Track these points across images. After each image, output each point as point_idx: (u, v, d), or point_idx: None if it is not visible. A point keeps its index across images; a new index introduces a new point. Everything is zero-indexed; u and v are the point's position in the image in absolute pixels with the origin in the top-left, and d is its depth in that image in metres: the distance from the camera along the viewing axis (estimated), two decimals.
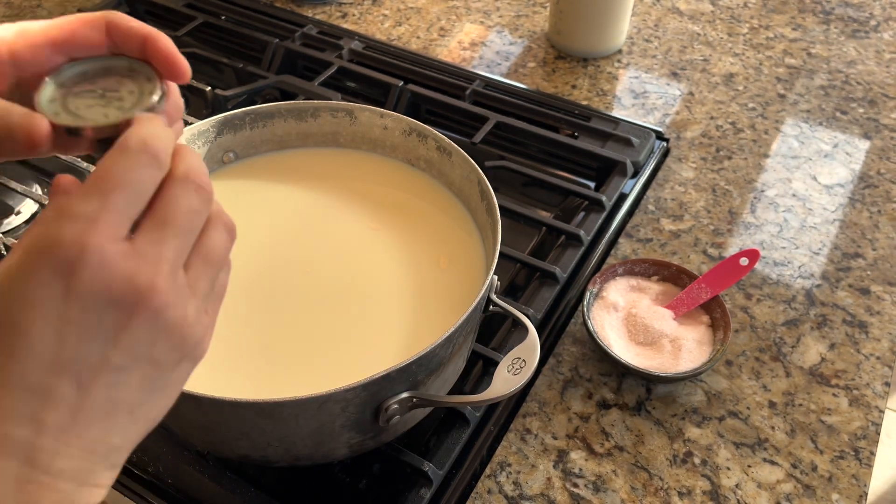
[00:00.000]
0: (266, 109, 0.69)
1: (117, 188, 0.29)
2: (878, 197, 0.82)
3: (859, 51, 1.02)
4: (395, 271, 0.63)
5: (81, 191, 0.28)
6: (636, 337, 0.67)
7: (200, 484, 0.56)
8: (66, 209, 0.28)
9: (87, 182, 0.29)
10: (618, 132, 0.86)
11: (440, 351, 0.51)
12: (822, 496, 0.58)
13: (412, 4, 1.11)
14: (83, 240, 0.27)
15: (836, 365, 0.67)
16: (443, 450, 0.59)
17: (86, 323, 0.28)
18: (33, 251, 0.28)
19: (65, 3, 1.12)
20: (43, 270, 0.27)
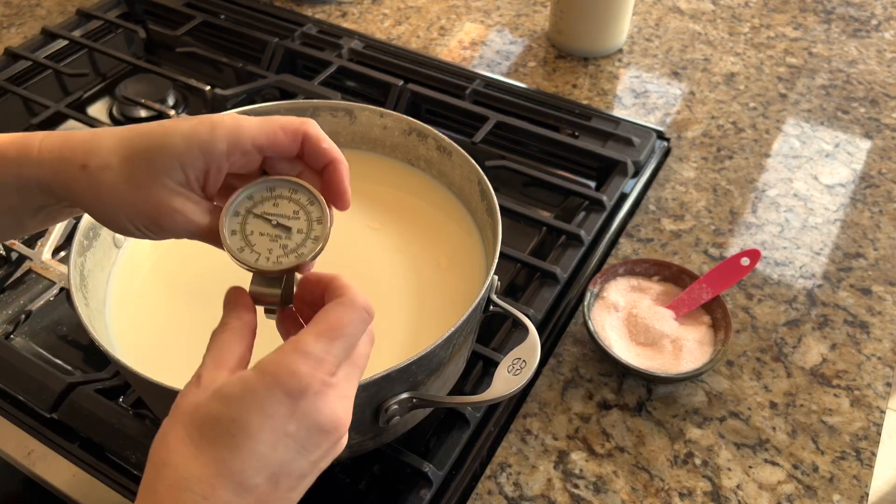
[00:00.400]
0: (265, 109, 0.69)
1: (341, 338, 0.37)
2: (880, 197, 0.82)
3: (860, 50, 1.02)
4: (395, 271, 0.63)
5: (315, 332, 0.36)
6: (637, 337, 0.67)
7: None
8: (302, 346, 0.35)
9: (321, 326, 0.37)
10: (618, 132, 0.86)
11: (440, 351, 0.51)
12: (824, 497, 0.58)
13: (412, 4, 1.11)
14: (311, 376, 0.35)
15: (837, 365, 0.67)
16: (443, 450, 0.59)
17: (298, 438, 0.35)
18: (272, 373, 0.35)
19: (64, 2, 1.12)
20: (278, 391, 0.34)
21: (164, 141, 0.39)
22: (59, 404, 0.61)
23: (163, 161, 0.39)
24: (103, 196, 0.39)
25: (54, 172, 0.39)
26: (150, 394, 0.54)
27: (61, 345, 0.70)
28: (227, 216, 0.40)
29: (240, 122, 0.39)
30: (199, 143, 0.39)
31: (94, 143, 0.40)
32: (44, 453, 0.60)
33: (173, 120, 0.40)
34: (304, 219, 0.40)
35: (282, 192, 0.40)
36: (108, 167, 0.39)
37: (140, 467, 0.58)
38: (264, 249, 0.40)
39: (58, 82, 0.99)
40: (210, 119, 0.39)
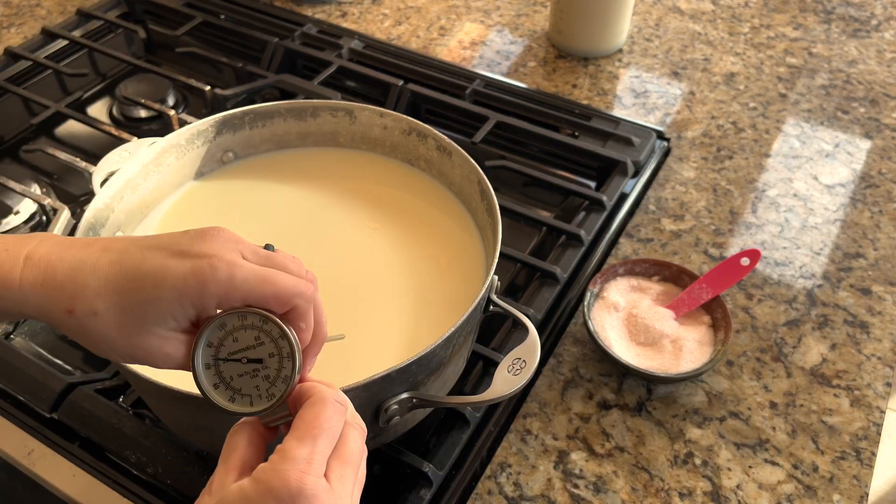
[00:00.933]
0: (265, 109, 0.69)
1: (322, 434, 0.37)
2: (880, 197, 0.82)
3: (860, 50, 1.02)
4: (395, 271, 0.63)
5: (296, 437, 0.37)
6: (637, 337, 0.67)
7: (200, 484, 0.56)
8: (288, 453, 0.36)
9: (299, 429, 0.37)
10: (618, 132, 0.86)
11: (440, 351, 0.51)
12: (824, 497, 0.58)
13: (412, 4, 1.11)
14: (301, 479, 0.35)
15: (837, 365, 0.67)
16: (443, 450, 0.59)
17: None
18: (265, 482, 0.36)
19: (64, 2, 1.12)
20: (270, 499, 0.35)
21: (156, 294, 0.37)
22: (59, 404, 0.61)
23: (154, 315, 0.38)
24: (92, 338, 0.39)
25: (40, 311, 0.38)
26: (150, 394, 0.54)
27: (61, 345, 0.70)
28: (200, 373, 0.39)
29: (234, 280, 0.38)
30: (190, 299, 0.38)
31: (79, 283, 0.38)
32: (44, 453, 0.60)
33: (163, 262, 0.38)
34: (269, 340, 0.40)
35: (233, 324, 0.39)
36: (95, 314, 0.38)
37: (138, 466, 0.58)
38: (252, 389, 0.40)
39: (58, 82, 0.99)
40: (202, 272, 0.38)
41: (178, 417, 0.55)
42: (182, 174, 0.68)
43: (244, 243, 0.40)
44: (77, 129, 0.93)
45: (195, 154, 0.68)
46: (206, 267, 0.37)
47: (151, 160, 0.65)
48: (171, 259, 0.38)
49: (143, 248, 0.39)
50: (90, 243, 0.39)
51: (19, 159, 0.90)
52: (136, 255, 0.38)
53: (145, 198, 0.66)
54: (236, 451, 0.39)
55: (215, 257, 0.38)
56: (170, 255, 0.38)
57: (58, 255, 0.39)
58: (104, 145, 0.88)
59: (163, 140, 0.65)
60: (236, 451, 0.39)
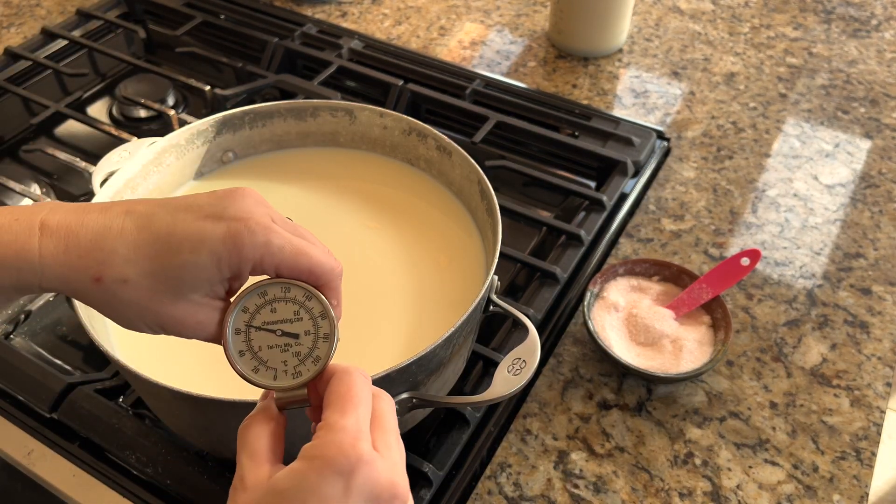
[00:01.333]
0: (265, 109, 0.69)
1: (361, 404, 0.37)
2: (880, 197, 0.82)
3: (860, 50, 1.02)
4: (395, 271, 0.63)
5: (339, 406, 0.36)
6: (637, 337, 0.67)
7: (200, 484, 0.56)
8: (336, 425, 0.36)
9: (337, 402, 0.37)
10: (618, 132, 0.86)
11: (440, 351, 0.51)
12: (824, 497, 0.58)
13: (412, 3, 1.11)
14: (357, 446, 0.35)
15: (837, 365, 0.67)
16: (443, 450, 0.59)
17: None
18: (320, 457, 0.35)
19: (64, 2, 1.12)
20: (330, 473, 0.34)
21: (193, 259, 0.36)
22: (59, 404, 0.61)
23: (191, 280, 0.36)
24: (120, 307, 0.37)
25: (62, 282, 0.36)
26: (149, 394, 0.54)
27: (61, 345, 0.70)
28: (229, 337, 0.38)
29: (270, 246, 0.37)
30: (228, 263, 0.36)
31: (107, 250, 0.36)
32: (44, 453, 0.60)
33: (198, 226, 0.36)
34: (308, 317, 0.38)
35: (275, 293, 0.38)
36: (126, 281, 0.36)
37: (138, 466, 0.58)
38: (279, 363, 0.38)
39: (58, 82, 0.99)
40: (240, 235, 0.36)
41: (178, 417, 0.55)
42: (182, 174, 0.68)
43: (271, 208, 0.39)
44: (77, 129, 0.93)
45: (195, 154, 0.68)
46: (243, 230, 0.36)
47: (151, 160, 0.65)
48: (204, 222, 0.36)
49: (171, 210, 0.37)
50: (108, 207, 0.37)
51: (19, 159, 0.90)
52: (166, 219, 0.36)
53: (145, 198, 0.66)
54: (260, 443, 0.37)
55: (251, 220, 0.37)
56: (202, 217, 0.37)
57: (77, 221, 0.36)
58: (104, 145, 0.88)
59: (163, 140, 0.65)
60: (260, 442, 0.37)
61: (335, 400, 0.37)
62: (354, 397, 0.37)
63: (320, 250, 0.39)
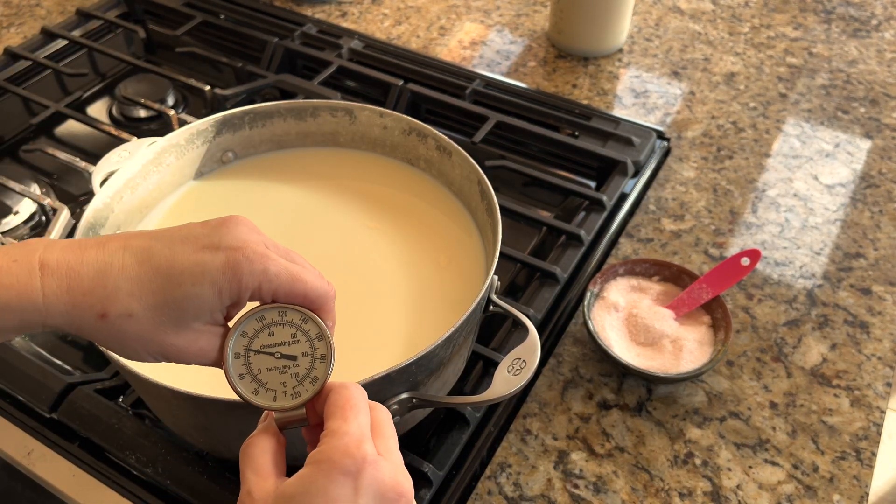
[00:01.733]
0: (265, 109, 0.69)
1: (361, 412, 0.38)
2: (880, 197, 0.82)
3: (860, 50, 1.02)
4: (395, 271, 0.63)
5: (341, 414, 0.38)
6: (637, 337, 0.67)
7: (200, 484, 0.56)
8: (339, 430, 0.37)
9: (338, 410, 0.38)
10: (618, 132, 0.86)
11: (440, 351, 0.51)
12: (824, 497, 0.58)
13: (412, 3, 1.11)
14: (362, 448, 0.36)
15: (837, 365, 0.67)
16: (443, 450, 0.59)
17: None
18: (327, 460, 0.36)
19: (64, 2, 1.12)
20: (337, 475, 0.35)
21: (195, 290, 0.37)
22: (59, 404, 0.61)
23: (193, 311, 0.38)
24: (125, 341, 0.38)
25: (67, 320, 0.37)
26: (149, 394, 0.54)
27: (61, 345, 0.70)
28: (229, 361, 0.39)
29: (268, 273, 0.38)
30: (228, 292, 0.38)
31: (110, 287, 0.37)
32: (44, 453, 0.60)
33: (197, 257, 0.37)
34: (305, 339, 0.40)
35: (272, 318, 0.39)
36: (130, 315, 0.37)
37: (138, 466, 0.58)
38: (278, 385, 0.40)
39: (57, 82, 0.99)
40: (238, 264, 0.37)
41: (178, 417, 0.55)
42: (182, 174, 0.68)
43: (264, 234, 0.40)
44: (77, 128, 0.93)
45: (195, 154, 0.68)
46: (241, 259, 0.37)
47: (151, 160, 0.65)
48: (202, 253, 0.37)
49: (168, 243, 0.38)
50: (104, 243, 0.38)
51: (19, 159, 0.90)
52: (165, 252, 0.37)
53: (145, 198, 0.66)
54: (264, 458, 0.39)
55: (248, 248, 0.38)
56: (199, 248, 0.38)
57: (77, 259, 0.37)
58: (104, 145, 0.88)
59: (162, 140, 0.65)
60: (264, 457, 0.39)
61: (336, 410, 0.38)
62: (354, 406, 0.38)
63: (313, 275, 0.40)
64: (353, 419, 0.37)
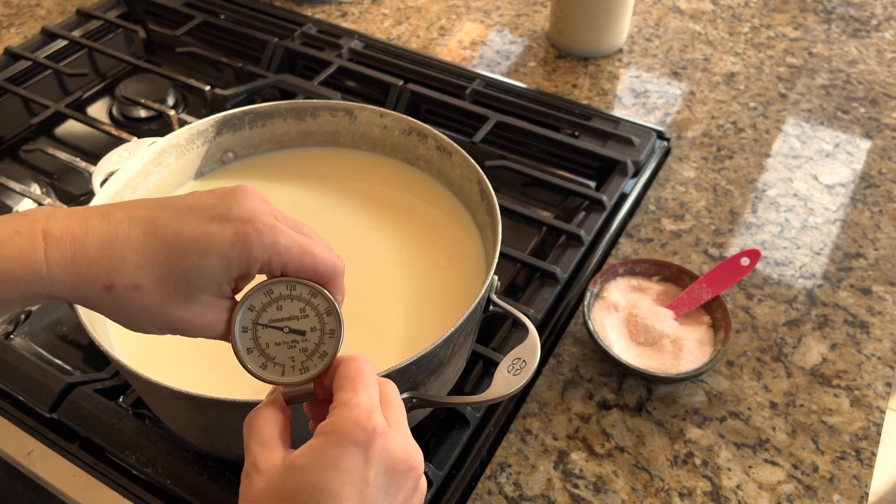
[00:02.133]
0: (265, 109, 0.69)
1: (371, 383, 0.38)
2: (880, 197, 0.82)
3: (860, 50, 1.02)
4: (395, 271, 0.63)
5: (351, 387, 0.38)
6: (637, 337, 0.67)
7: (200, 484, 0.56)
8: (350, 401, 0.37)
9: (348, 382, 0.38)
10: (618, 132, 0.86)
11: (440, 351, 0.51)
12: (824, 497, 0.58)
13: (412, 4, 1.11)
14: (372, 419, 0.36)
15: (837, 365, 0.67)
16: (443, 450, 0.59)
17: (379, 484, 0.36)
18: (338, 431, 0.36)
19: (64, 2, 1.12)
20: (348, 446, 0.35)
21: (203, 262, 0.36)
22: (59, 404, 0.61)
23: (201, 283, 0.37)
24: (131, 313, 0.37)
25: (72, 291, 0.36)
26: (149, 394, 0.54)
27: (61, 345, 0.70)
28: (236, 335, 0.39)
29: (278, 246, 0.37)
30: (237, 264, 0.37)
31: (115, 257, 0.36)
32: (43, 453, 0.60)
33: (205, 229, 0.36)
34: (314, 314, 0.39)
35: (280, 292, 0.39)
36: (137, 287, 0.36)
37: (138, 466, 0.58)
38: (286, 359, 0.39)
39: (58, 82, 0.99)
40: (248, 236, 0.37)
41: (178, 417, 0.55)
42: (182, 174, 0.68)
43: (273, 205, 0.39)
44: (77, 129, 0.93)
45: (195, 154, 0.68)
46: (251, 231, 0.37)
47: (151, 160, 0.65)
48: (211, 224, 0.37)
49: (175, 213, 0.37)
50: (108, 212, 0.37)
51: (19, 159, 0.90)
52: (172, 223, 0.37)
53: (145, 198, 0.66)
54: (270, 430, 0.38)
55: (258, 220, 0.37)
56: (207, 219, 0.37)
57: (81, 229, 0.36)
58: (104, 145, 0.88)
59: (162, 140, 0.65)
60: (270, 429, 0.38)
61: (346, 382, 0.38)
62: (364, 378, 0.38)
63: (324, 248, 0.39)
64: (364, 391, 0.37)
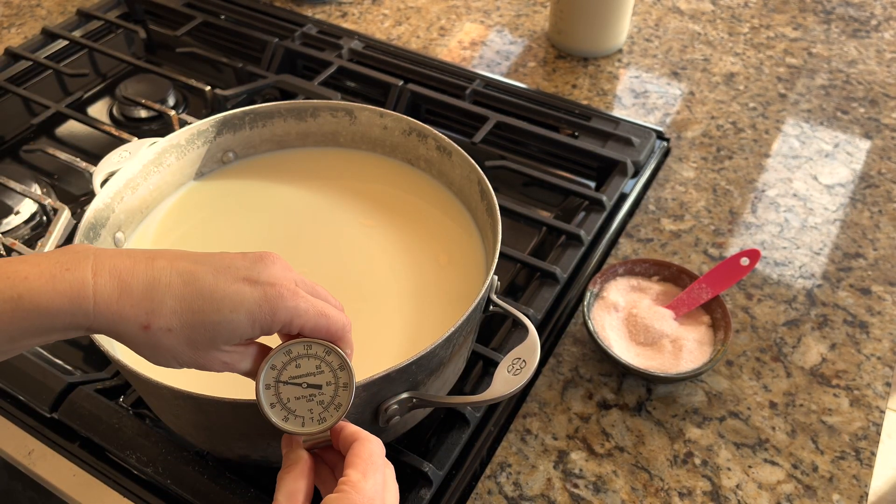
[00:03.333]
0: (265, 109, 0.69)
1: (378, 470, 0.42)
2: (879, 197, 0.82)
3: (860, 50, 1.02)
4: (395, 271, 0.63)
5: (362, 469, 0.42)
6: (637, 337, 0.67)
7: (200, 484, 0.56)
8: (357, 485, 0.41)
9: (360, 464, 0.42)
10: (618, 132, 0.86)
11: (440, 351, 0.51)
12: (823, 496, 0.58)
13: (412, 4, 1.11)
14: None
15: (836, 365, 0.67)
16: (443, 450, 0.59)
17: None
18: None
19: (64, 2, 1.12)
20: None
21: (232, 317, 0.40)
22: (60, 404, 0.61)
23: (227, 334, 0.41)
24: (159, 351, 0.41)
25: (111, 326, 0.39)
26: (150, 394, 0.54)
27: (61, 345, 0.70)
28: (261, 392, 0.43)
29: (298, 310, 0.41)
30: (261, 323, 0.41)
31: (156, 300, 0.39)
32: (44, 453, 0.60)
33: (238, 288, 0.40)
34: (328, 370, 0.44)
35: (298, 351, 0.43)
36: (170, 330, 0.40)
37: (138, 466, 0.58)
38: (305, 411, 0.44)
39: (58, 82, 0.99)
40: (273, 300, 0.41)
41: (178, 417, 0.55)
42: (182, 174, 0.68)
43: (294, 272, 0.44)
44: (77, 129, 0.93)
45: (195, 154, 0.68)
46: (275, 295, 0.41)
47: (151, 160, 0.65)
48: (243, 285, 0.41)
49: (212, 270, 0.41)
50: (152, 257, 0.41)
51: (20, 159, 0.90)
52: (209, 279, 0.41)
53: (145, 198, 0.66)
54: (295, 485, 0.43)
55: (282, 286, 0.41)
56: (239, 280, 0.41)
57: (129, 271, 0.40)
58: (104, 145, 0.88)
59: (163, 140, 0.65)
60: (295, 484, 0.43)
61: (359, 462, 0.42)
62: (374, 464, 0.43)
63: (336, 311, 0.44)
64: (371, 476, 0.42)
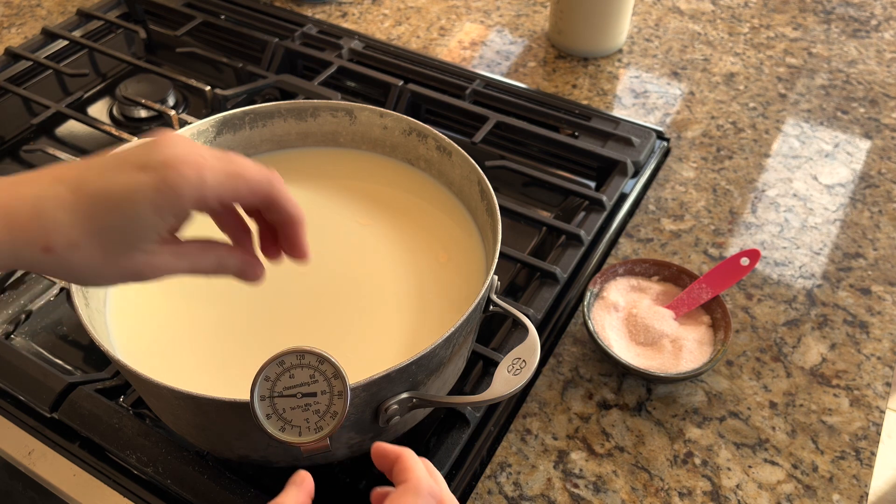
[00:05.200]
0: (265, 109, 0.69)
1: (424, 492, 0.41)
2: (879, 197, 0.82)
3: (860, 50, 1.02)
4: (395, 272, 0.63)
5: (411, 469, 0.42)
6: (637, 337, 0.67)
7: (200, 484, 0.56)
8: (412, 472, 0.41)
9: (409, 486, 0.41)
10: (618, 132, 0.86)
11: (440, 351, 0.51)
12: (823, 496, 0.58)
13: (412, 4, 1.11)
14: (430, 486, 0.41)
15: (836, 365, 0.67)
16: (443, 450, 0.59)
17: None
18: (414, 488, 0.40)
19: (64, 2, 1.12)
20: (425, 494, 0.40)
21: (133, 212, 0.37)
22: (60, 404, 0.61)
23: (136, 232, 0.38)
24: (77, 270, 0.38)
25: (13, 258, 0.37)
26: (150, 393, 0.54)
27: (61, 345, 0.70)
28: (256, 404, 0.43)
29: (204, 181, 0.38)
30: (168, 209, 0.38)
31: (47, 218, 0.36)
32: (44, 453, 0.60)
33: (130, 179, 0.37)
34: (322, 379, 0.44)
35: (291, 362, 0.43)
36: (75, 245, 0.37)
37: (138, 466, 0.58)
38: (301, 421, 0.44)
39: (58, 82, 0.99)
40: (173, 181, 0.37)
41: (178, 417, 0.55)
42: None
43: (198, 145, 0.40)
44: (77, 129, 0.93)
45: None
46: (174, 175, 0.37)
47: None
48: (136, 174, 0.37)
49: (101, 170, 0.38)
50: (35, 178, 0.38)
51: (20, 159, 0.90)
52: (99, 180, 0.37)
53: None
54: None
55: (181, 163, 0.37)
56: (132, 170, 0.37)
57: (12, 195, 0.37)
58: (104, 145, 0.88)
59: None
60: None
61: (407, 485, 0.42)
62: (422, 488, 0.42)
63: (253, 169, 0.40)
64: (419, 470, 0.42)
